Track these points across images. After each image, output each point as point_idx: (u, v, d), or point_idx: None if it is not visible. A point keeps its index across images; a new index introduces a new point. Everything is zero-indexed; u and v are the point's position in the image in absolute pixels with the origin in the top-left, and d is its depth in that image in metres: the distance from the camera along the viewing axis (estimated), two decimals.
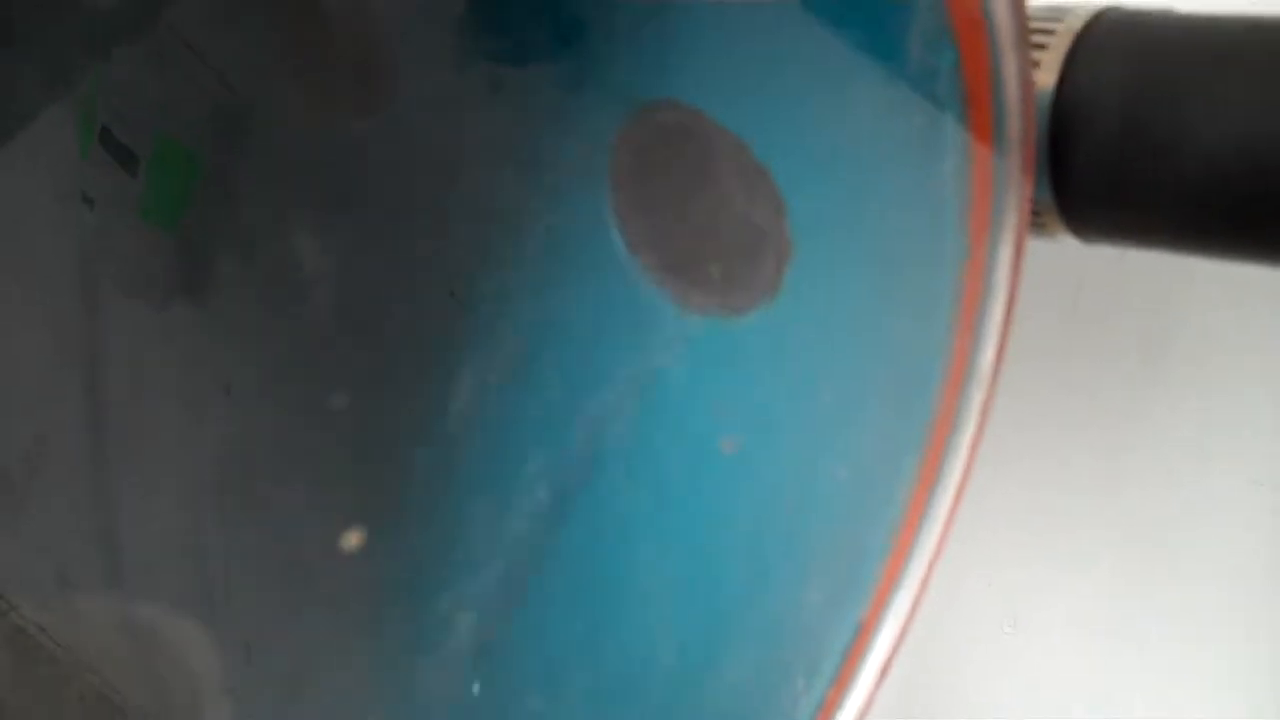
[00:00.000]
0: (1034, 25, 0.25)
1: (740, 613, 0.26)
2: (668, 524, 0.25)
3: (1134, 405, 0.48)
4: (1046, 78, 0.27)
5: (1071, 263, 0.47)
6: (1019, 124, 0.25)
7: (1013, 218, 0.26)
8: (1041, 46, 0.26)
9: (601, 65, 0.24)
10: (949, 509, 0.28)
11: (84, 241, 0.19)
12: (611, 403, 0.25)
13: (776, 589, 0.26)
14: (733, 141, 0.25)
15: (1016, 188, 0.26)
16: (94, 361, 0.19)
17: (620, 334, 0.25)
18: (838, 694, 0.27)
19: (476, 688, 0.24)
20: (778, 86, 0.25)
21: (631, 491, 0.25)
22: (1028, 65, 0.24)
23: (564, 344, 0.24)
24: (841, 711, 0.27)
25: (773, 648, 0.27)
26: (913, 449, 0.27)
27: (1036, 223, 0.28)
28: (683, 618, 0.25)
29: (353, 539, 0.22)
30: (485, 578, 0.23)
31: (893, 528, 0.27)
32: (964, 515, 0.28)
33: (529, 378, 0.24)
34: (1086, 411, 0.47)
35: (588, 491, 0.24)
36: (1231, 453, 0.49)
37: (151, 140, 0.19)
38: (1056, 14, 0.26)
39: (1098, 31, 0.26)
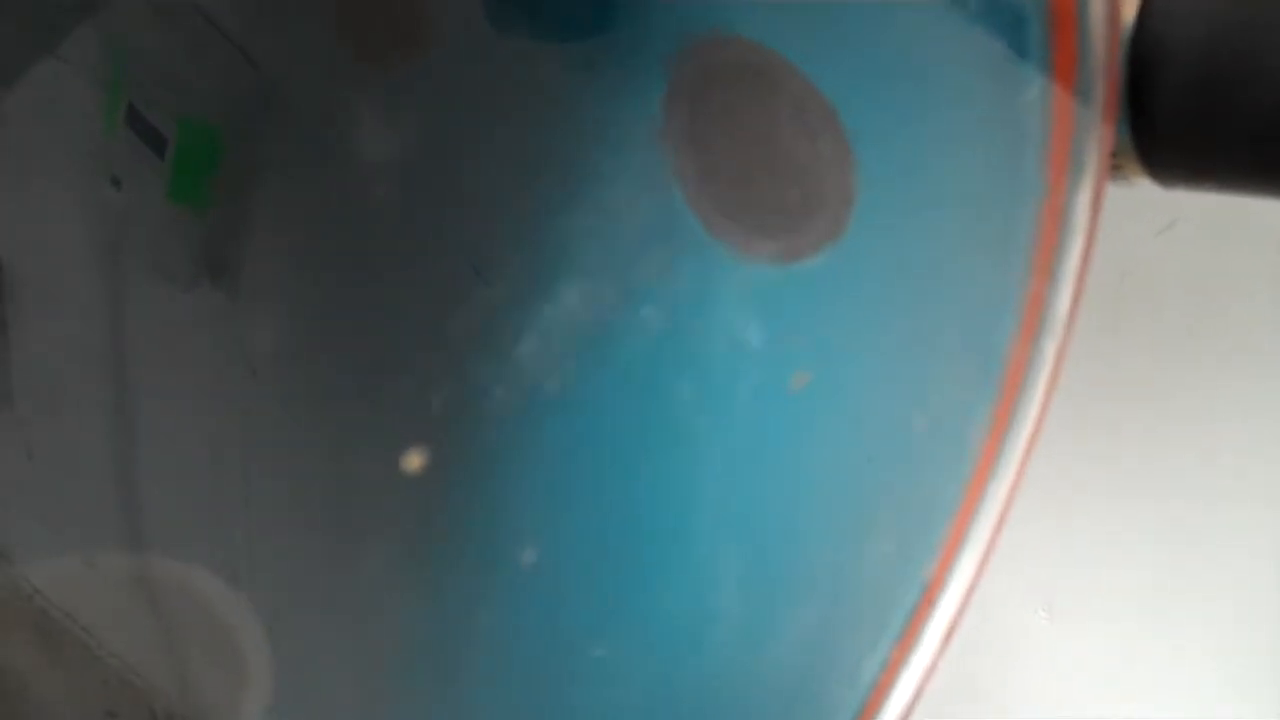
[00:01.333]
0: None
1: (807, 561, 0.25)
2: (735, 462, 0.24)
3: (1176, 390, 0.47)
4: (1126, 8, 0.26)
5: (1116, 248, 0.46)
6: (1104, 52, 0.24)
7: (1094, 154, 0.25)
8: None
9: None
10: (1019, 462, 0.27)
11: (111, 223, 0.19)
12: (674, 346, 0.24)
13: (845, 538, 0.25)
14: (796, 76, 0.24)
15: (1098, 122, 0.25)
16: (120, 343, 0.19)
17: (682, 285, 0.24)
18: (903, 652, 0.26)
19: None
20: (843, 9, 0.24)
21: (697, 427, 0.23)
22: None
23: (628, 297, 0.23)
24: (907, 669, 0.26)
25: (839, 600, 0.26)
26: (986, 398, 0.26)
27: (1113, 164, 0.27)
28: (748, 564, 0.24)
29: (414, 460, 0.21)
30: (548, 511, 0.22)
31: (963, 479, 0.26)
32: None
33: (591, 333, 0.23)
34: (1126, 397, 0.47)
35: (653, 427, 0.23)
36: (1274, 441, 0.48)
37: (177, 120, 0.19)
38: None
39: None
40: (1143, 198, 0.28)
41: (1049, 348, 0.26)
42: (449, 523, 0.22)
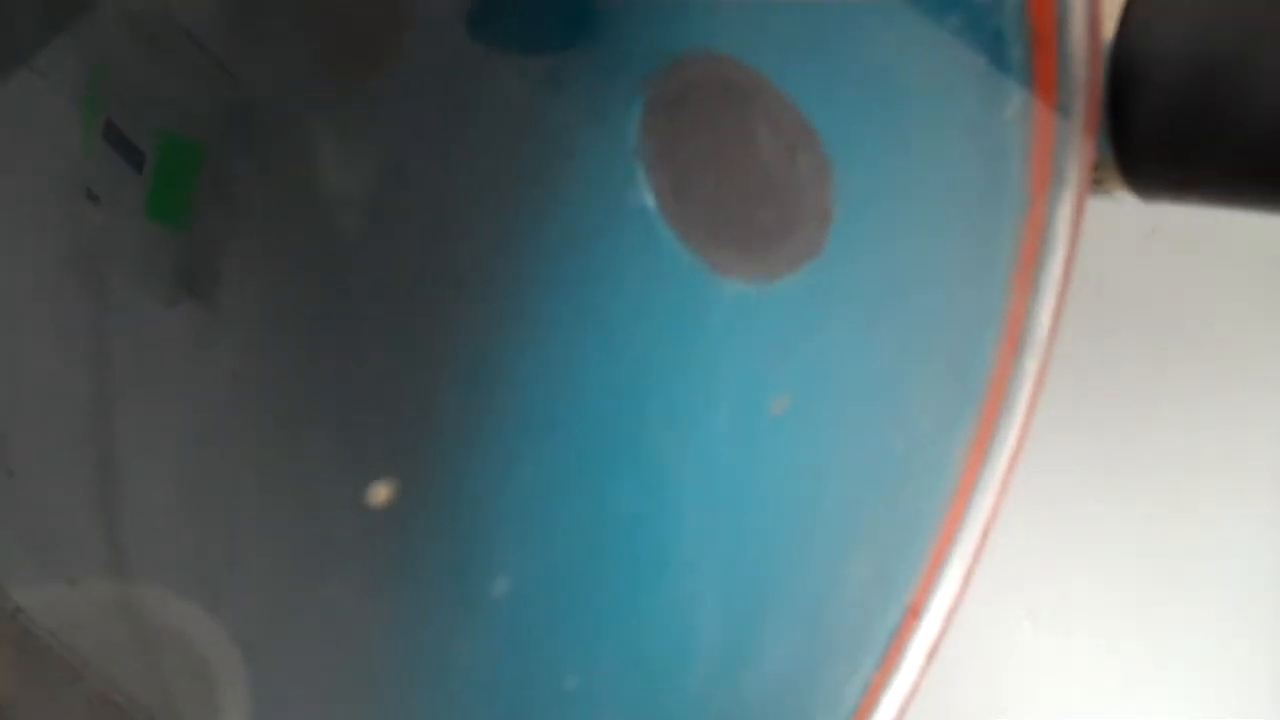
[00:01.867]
0: None
1: (787, 586, 0.25)
2: (713, 488, 0.23)
3: (1156, 398, 0.47)
4: (1106, 28, 0.26)
5: (1092, 256, 0.46)
6: (1084, 68, 0.24)
7: (1075, 169, 0.25)
8: None
9: (626, 15, 0.23)
10: (1001, 480, 0.26)
11: (90, 239, 0.19)
12: (651, 368, 0.23)
13: (824, 563, 0.25)
14: (774, 94, 0.24)
15: (1079, 137, 0.24)
16: (101, 360, 0.19)
17: (657, 305, 0.24)
18: (884, 675, 0.26)
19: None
20: (822, 26, 0.23)
21: (674, 451, 0.23)
22: (1096, 2, 0.23)
23: (601, 317, 0.23)
24: (888, 694, 0.26)
25: (819, 625, 0.25)
26: (967, 415, 0.26)
27: (1094, 179, 0.26)
28: (727, 590, 0.24)
29: (381, 492, 0.20)
30: (520, 540, 0.22)
31: (944, 500, 0.26)
32: None
33: (565, 357, 0.23)
34: (1107, 404, 0.47)
35: (628, 450, 0.23)
36: (1257, 448, 0.48)
37: (156, 135, 0.19)
38: None
39: None
40: (1123, 207, 0.28)
41: (1031, 364, 0.26)
42: (417, 552, 0.21)
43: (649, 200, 0.23)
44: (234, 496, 0.20)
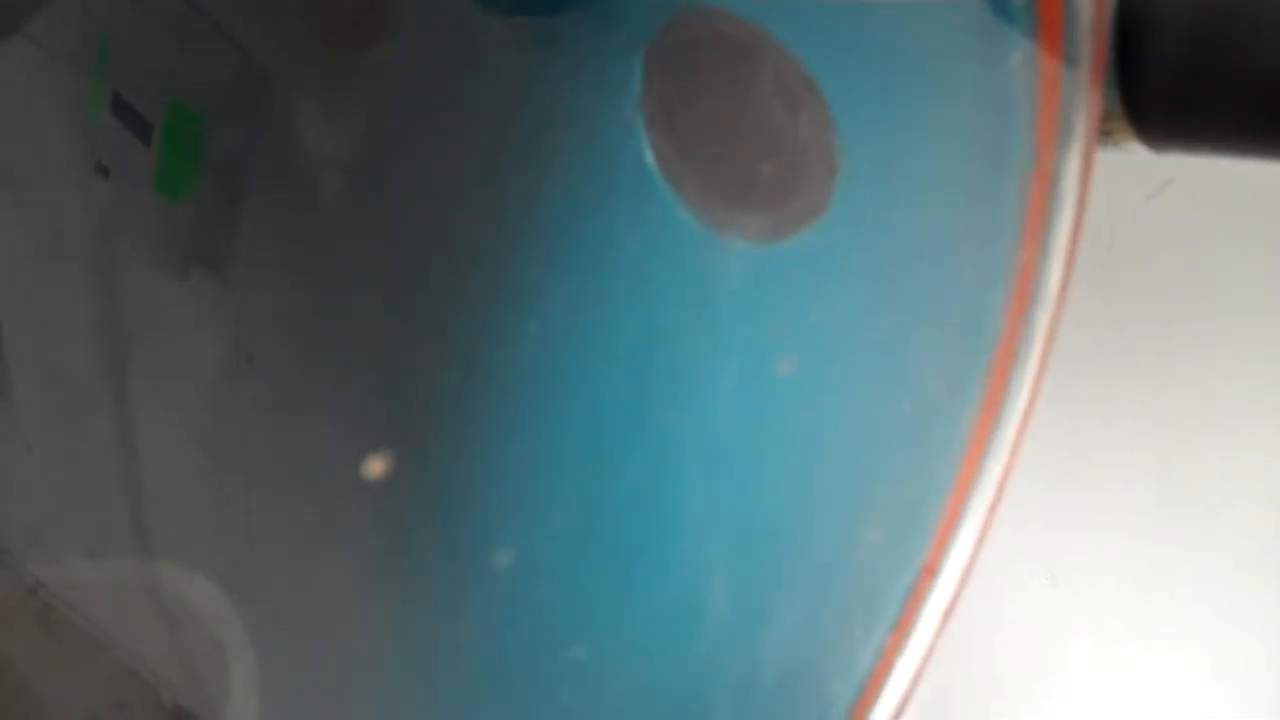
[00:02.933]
0: None
1: (797, 550, 0.25)
2: (719, 453, 0.23)
3: (1171, 353, 0.47)
4: None
5: (1105, 203, 0.46)
6: (1091, 15, 0.23)
7: (1083, 120, 0.24)
8: None
9: None
10: (1013, 440, 0.26)
11: (100, 212, 0.19)
12: (655, 331, 0.23)
13: (834, 527, 0.25)
14: (775, 48, 0.24)
15: (1086, 87, 0.24)
16: (113, 333, 0.19)
17: (660, 268, 0.23)
18: (899, 639, 0.26)
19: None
20: None
21: (678, 416, 0.23)
22: None
23: (602, 282, 0.23)
24: (903, 657, 0.26)
25: (830, 590, 0.25)
26: (976, 375, 0.25)
27: (1103, 130, 0.26)
28: (734, 556, 0.24)
29: (377, 465, 0.20)
30: (522, 511, 0.22)
31: (955, 460, 0.25)
32: None
33: (566, 323, 0.22)
34: (1123, 362, 0.46)
35: (632, 417, 0.23)
36: (1275, 401, 0.48)
37: (163, 106, 0.18)
38: None
39: None
40: (1134, 160, 0.27)
41: (1041, 320, 0.26)
42: (417, 526, 0.21)
43: (650, 160, 0.22)
44: (255, 469, 0.20)
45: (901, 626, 0.26)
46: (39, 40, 0.18)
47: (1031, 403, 0.26)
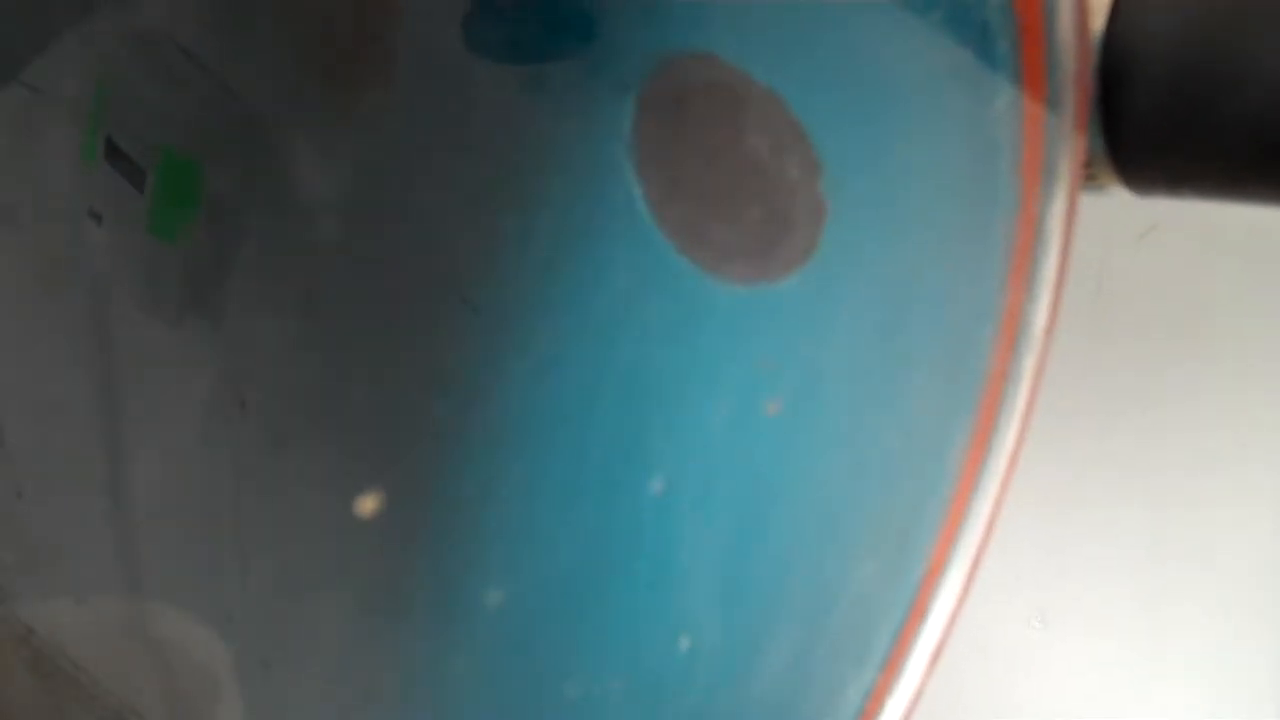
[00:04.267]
0: None
1: (788, 590, 0.25)
2: (709, 492, 0.23)
3: (1161, 396, 0.47)
4: (1095, 19, 0.25)
5: (1092, 254, 0.46)
6: (1073, 61, 0.23)
7: (1067, 164, 0.24)
8: None
9: (616, 18, 0.23)
10: (1002, 479, 0.26)
11: (93, 258, 0.19)
12: (645, 372, 0.23)
13: (824, 564, 0.25)
14: (763, 94, 0.24)
15: (1070, 132, 0.24)
16: (108, 378, 0.19)
17: (649, 308, 0.23)
18: (889, 677, 0.26)
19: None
20: (807, 24, 0.23)
21: (668, 455, 0.23)
22: None
23: (592, 322, 0.23)
24: (893, 695, 0.26)
25: (821, 627, 0.25)
26: (964, 413, 0.25)
27: (1087, 174, 0.26)
28: (725, 593, 0.24)
29: (368, 504, 0.20)
30: (513, 550, 0.22)
31: (944, 499, 0.25)
32: None
33: (557, 364, 0.22)
34: (1113, 405, 0.47)
35: (624, 459, 0.23)
36: (1262, 444, 0.48)
37: (156, 153, 0.19)
38: None
39: None
40: (1121, 203, 0.27)
41: (1028, 361, 0.26)
42: (408, 564, 0.21)
43: (640, 202, 0.22)
44: (236, 510, 0.20)
45: (891, 666, 0.26)
46: (37, 87, 0.18)
47: (1019, 442, 0.26)
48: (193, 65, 0.19)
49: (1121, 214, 0.45)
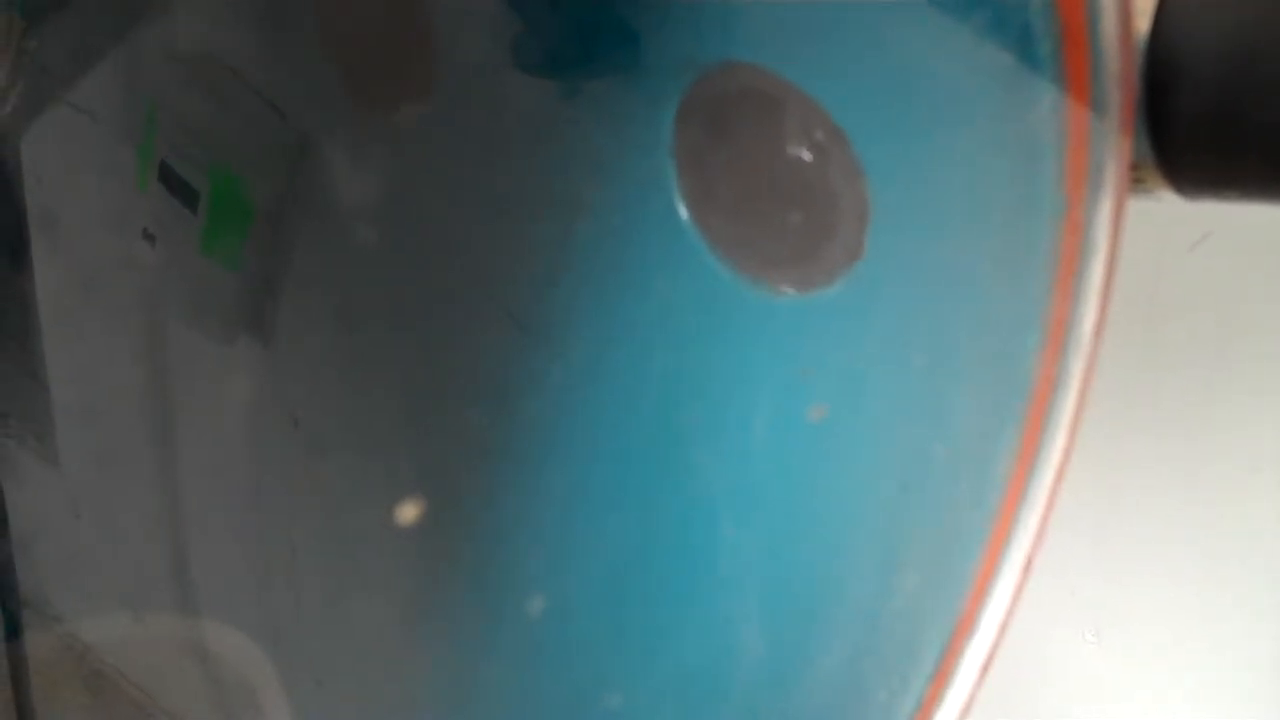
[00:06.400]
0: None
1: (832, 599, 0.24)
2: (753, 500, 0.23)
3: (1216, 404, 0.46)
4: (1140, 21, 0.25)
5: (1147, 256, 0.46)
6: (1118, 64, 0.23)
7: (1113, 167, 0.24)
8: None
9: (656, 28, 0.23)
10: (1050, 489, 0.26)
11: (147, 278, 0.19)
12: (688, 380, 0.23)
13: (869, 573, 0.25)
14: (805, 102, 0.24)
15: (1116, 135, 0.24)
16: (163, 400, 0.19)
17: (691, 315, 0.23)
18: (937, 690, 0.25)
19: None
20: (847, 30, 0.23)
21: (712, 463, 0.23)
22: None
23: (634, 329, 0.23)
24: (941, 709, 0.25)
25: (867, 639, 0.25)
26: (1011, 423, 0.25)
27: (1134, 178, 0.26)
28: (771, 604, 0.24)
29: (409, 511, 0.20)
30: (556, 557, 0.22)
31: (991, 508, 0.25)
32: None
33: (599, 372, 0.22)
34: (1169, 412, 0.46)
35: (663, 463, 0.23)
36: None
37: (209, 174, 0.19)
38: None
39: None
40: (1174, 211, 0.27)
41: (1076, 367, 0.26)
42: (450, 571, 0.21)
43: (681, 209, 0.22)
44: (289, 528, 0.20)
45: (940, 677, 0.25)
46: (88, 110, 0.18)
47: (1068, 450, 0.26)
48: (241, 85, 0.19)
49: (1174, 224, 0.45)
